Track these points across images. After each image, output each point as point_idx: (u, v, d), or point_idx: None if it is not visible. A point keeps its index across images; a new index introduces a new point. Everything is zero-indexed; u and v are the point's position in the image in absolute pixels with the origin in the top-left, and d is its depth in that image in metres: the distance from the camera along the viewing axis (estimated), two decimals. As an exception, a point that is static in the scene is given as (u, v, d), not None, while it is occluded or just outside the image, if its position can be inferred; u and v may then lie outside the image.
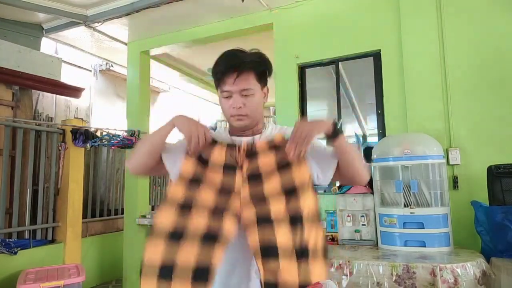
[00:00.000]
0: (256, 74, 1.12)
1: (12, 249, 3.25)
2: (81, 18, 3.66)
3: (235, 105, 1.10)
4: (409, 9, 2.89)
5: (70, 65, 4.74)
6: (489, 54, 2.64)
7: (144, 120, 4.31)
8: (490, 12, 2.67)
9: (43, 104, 4.34)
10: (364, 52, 3.12)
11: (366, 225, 2.60)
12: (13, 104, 3.69)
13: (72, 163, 3.83)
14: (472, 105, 2.65)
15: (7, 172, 3.42)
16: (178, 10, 3.49)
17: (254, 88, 1.11)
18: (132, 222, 4.09)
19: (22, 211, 3.49)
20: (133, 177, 4.18)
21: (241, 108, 1.10)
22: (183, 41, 4.06)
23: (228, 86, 1.10)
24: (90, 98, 5.10)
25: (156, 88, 5.97)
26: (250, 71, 1.10)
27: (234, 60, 1.10)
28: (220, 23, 3.78)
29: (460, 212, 2.49)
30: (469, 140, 2.63)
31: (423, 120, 2.74)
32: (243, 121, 1.13)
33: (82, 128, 3.88)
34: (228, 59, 1.11)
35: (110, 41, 4.24)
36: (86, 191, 4.32)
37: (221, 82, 1.11)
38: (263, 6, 3.42)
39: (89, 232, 4.34)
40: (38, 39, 4.01)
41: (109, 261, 4.45)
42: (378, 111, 3.06)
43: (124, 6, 3.46)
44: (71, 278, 2.94)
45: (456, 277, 1.89)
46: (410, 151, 2.41)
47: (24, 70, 3.58)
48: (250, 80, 1.10)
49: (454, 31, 2.75)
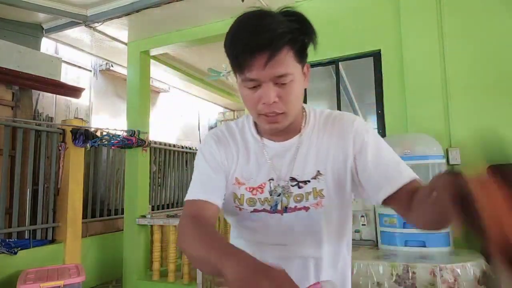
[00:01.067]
0: (296, 51, 0.75)
1: (12, 249, 3.25)
2: (81, 18, 3.66)
3: (266, 99, 0.75)
4: (409, 9, 2.88)
5: (70, 65, 4.74)
6: (489, 54, 2.64)
7: (144, 120, 4.32)
8: (490, 12, 2.67)
9: (43, 104, 4.34)
10: (364, 52, 3.12)
11: (366, 225, 2.60)
12: (13, 104, 3.69)
13: (72, 163, 3.83)
14: (472, 105, 2.65)
15: (7, 172, 3.42)
16: (178, 10, 3.49)
17: (293, 72, 0.75)
18: (132, 222, 4.09)
19: (22, 211, 3.49)
20: (133, 177, 4.18)
21: (275, 103, 0.76)
22: (183, 41, 4.06)
23: (255, 72, 0.73)
24: (90, 98, 5.10)
25: (156, 88, 5.97)
26: (288, 47, 0.73)
27: (262, 34, 0.71)
28: (220, 23, 3.78)
29: (460, 212, 2.49)
30: (469, 140, 2.63)
31: (423, 120, 2.74)
32: (280, 123, 0.80)
33: (82, 128, 3.88)
34: (252, 31, 0.72)
35: (110, 41, 4.24)
36: (86, 191, 4.32)
37: (243, 66, 0.74)
38: (263, 6, 3.42)
39: (89, 232, 4.34)
40: (38, 39, 4.01)
41: (109, 261, 4.45)
42: (378, 111, 3.06)
43: (124, 6, 3.47)
44: (71, 278, 2.94)
45: (456, 277, 1.89)
46: (410, 151, 2.41)
47: (24, 70, 3.58)
48: (288, 61, 0.74)
49: (454, 31, 2.75)
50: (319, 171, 0.85)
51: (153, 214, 4.25)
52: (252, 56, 0.72)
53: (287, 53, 0.73)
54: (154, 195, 5.13)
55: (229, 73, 4.86)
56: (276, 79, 0.74)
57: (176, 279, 3.80)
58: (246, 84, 0.77)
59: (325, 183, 0.85)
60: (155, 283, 3.89)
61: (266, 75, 0.73)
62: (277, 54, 0.71)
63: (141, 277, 4.01)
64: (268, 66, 0.72)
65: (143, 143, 4.13)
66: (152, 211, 4.44)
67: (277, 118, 0.78)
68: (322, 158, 0.86)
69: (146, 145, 4.19)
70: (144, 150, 4.20)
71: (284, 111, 0.78)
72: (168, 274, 3.83)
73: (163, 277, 3.90)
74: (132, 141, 4.01)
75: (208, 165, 0.88)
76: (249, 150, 0.89)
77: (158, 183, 5.23)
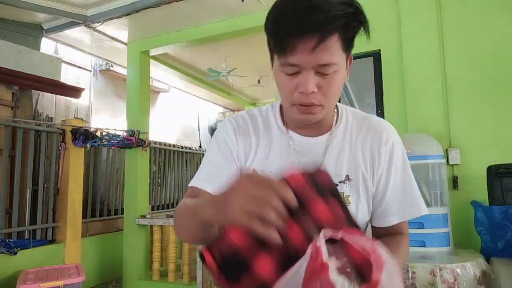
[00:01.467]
0: (346, 39, 0.69)
1: (12, 249, 3.25)
2: (81, 18, 3.66)
3: (304, 88, 0.68)
4: (409, 9, 2.88)
5: (70, 65, 4.74)
6: (489, 54, 2.64)
7: (144, 120, 4.32)
8: (490, 12, 2.67)
9: (43, 104, 4.33)
10: (364, 52, 3.12)
11: (366, 225, 2.60)
12: (13, 104, 3.70)
13: (72, 163, 3.83)
14: (472, 105, 2.65)
15: (7, 172, 3.42)
16: (178, 10, 3.49)
17: (338, 63, 0.69)
18: (132, 222, 4.09)
19: (22, 211, 3.48)
20: (133, 177, 4.19)
21: (314, 94, 0.69)
22: (183, 41, 4.06)
23: (298, 56, 0.66)
24: (90, 98, 5.10)
25: (156, 88, 5.97)
26: (339, 33, 0.66)
27: (313, 15, 0.63)
28: (220, 23, 3.78)
29: (460, 212, 2.49)
30: (469, 140, 2.63)
31: (423, 120, 2.74)
32: (314, 115, 0.73)
33: (82, 128, 3.88)
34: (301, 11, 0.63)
35: (110, 41, 4.24)
36: (86, 191, 4.32)
37: (286, 49, 0.66)
38: (263, 6, 3.42)
39: (89, 232, 4.34)
40: (38, 39, 4.01)
41: (109, 261, 4.45)
42: (378, 111, 3.06)
43: (124, 6, 3.47)
44: (71, 278, 2.94)
45: (456, 277, 1.89)
46: (410, 151, 2.40)
47: (24, 70, 3.58)
48: (335, 49, 0.67)
49: (454, 31, 2.75)
50: (348, 176, 0.79)
51: (153, 214, 4.25)
52: (298, 39, 0.64)
53: (337, 40, 0.66)
54: (154, 195, 5.13)
55: (229, 73, 4.86)
56: (319, 68, 0.67)
57: (176, 279, 3.80)
58: (284, 69, 0.70)
59: (353, 189, 0.79)
60: (155, 283, 3.89)
61: (310, 61, 0.66)
62: (326, 40, 0.64)
63: (141, 277, 4.01)
64: (314, 52, 0.64)
65: (143, 143, 4.13)
66: (152, 211, 4.45)
67: (313, 109, 0.71)
68: (354, 162, 0.79)
69: (146, 145, 4.19)
70: (144, 150, 4.21)
71: (321, 104, 0.71)
72: (168, 274, 3.83)
73: (163, 277, 3.90)
74: (132, 141, 4.01)
75: (220, 152, 0.82)
76: (272, 142, 0.82)
77: (158, 183, 5.23)
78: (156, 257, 3.92)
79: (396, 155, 0.80)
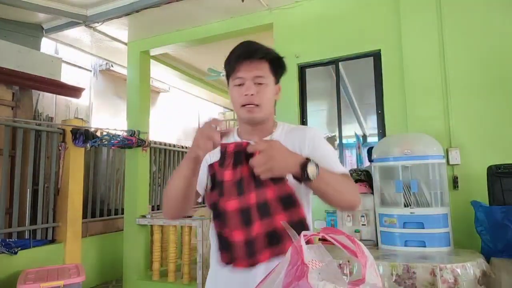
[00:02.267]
0: (270, 65, 1.09)
1: (12, 249, 3.25)
2: (81, 18, 3.66)
3: (247, 91, 1.05)
4: (409, 9, 2.89)
5: (70, 65, 4.74)
6: (489, 54, 2.64)
7: (144, 120, 4.32)
8: (490, 12, 2.67)
9: (43, 104, 4.34)
10: (364, 52, 3.12)
11: (366, 225, 2.60)
12: (13, 104, 3.70)
13: (72, 163, 3.84)
14: (472, 105, 2.65)
15: (7, 172, 3.42)
16: (178, 10, 3.49)
17: (267, 78, 1.08)
18: (132, 222, 4.09)
19: (22, 211, 3.49)
20: (133, 177, 4.19)
21: (253, 96, 1.05)
22: (183, 41, 4.06)
23: (241, 72, 1.06)
24: (90, 98, 5.10)
25: (156, 88, 5.97)
26: (265, 59, 1.08)
27: (249, 47, 1.08)
28: (220, 23, 3.78)
29: (460, 212, 2.49)
30: (469, 140, 2.63)
31: (423, 120, 2.74)
32: (254, 113, 1.07)
33: (82, 128, 3.88)
34: (243, 46, 1.09)
35: (110, 41, 4.25)
36: (86, 191, 4.32)
37: (234, 70, 1.08)
38: (263, 6, 3.43)
39: (89, 232, 4.34)
40: (38, 39, 4.01)
41: (109, 261, 4.45)
42: (378, 111, 3.06)
43: (124, 6, 3.47)
44: (71, 278, 2.94)
45: (456, 277, 1.89)
46: (410, 151, 2.41)
47: (24, 70, 3.58)
48: (264, 69, 1.08)
49: (454, 31, 2.75)
50: None
51: (153, 214, 4.25)
52: (242, 62, 1.06)
53: (264, 63, 1.08)
54: (154, 195, 5.13)
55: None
56: (255, 79, 1.06)
57: (176, 279, 3.80)
58: (234, 82, 1.08)
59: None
60: (155, 283, 3.90)
61: (250, 75, 1.06)
62: (257, 61, 1.06)
63: (141, 277, 4.02)
64: (250, 68, 1.06)
65: (143, 143, 4.13)
66: (152, 211, 4.44)
67: (253, 109, 1.07)
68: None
69: (146, 145, 4.19)
70: (144, 150, 4.21)
71: (259, 104, 1.07)
72: (168, 274, 3.83)
73: (163, 277, 3.90)
74: (132, 141, 4.01)
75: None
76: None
77: (158, 183, 5.23)
78: (156, 257, 3.92)
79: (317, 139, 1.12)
